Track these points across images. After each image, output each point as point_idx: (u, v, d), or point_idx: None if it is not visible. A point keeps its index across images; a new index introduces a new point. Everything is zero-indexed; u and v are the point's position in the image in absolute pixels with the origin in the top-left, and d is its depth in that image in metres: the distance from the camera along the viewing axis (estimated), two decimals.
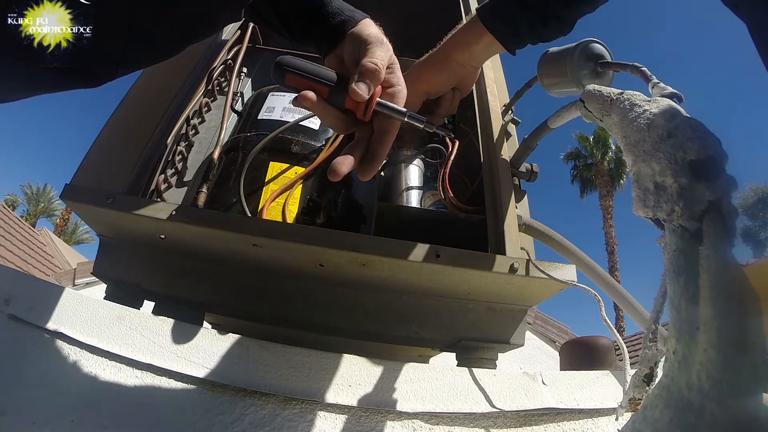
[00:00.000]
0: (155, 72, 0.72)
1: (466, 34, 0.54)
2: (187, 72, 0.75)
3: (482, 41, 0.52)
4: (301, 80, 0.39)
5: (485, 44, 0.53)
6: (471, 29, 0.53)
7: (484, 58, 0.55)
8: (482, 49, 0.53)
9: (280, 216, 0.63)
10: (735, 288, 0.21)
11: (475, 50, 0.53)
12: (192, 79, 0.76)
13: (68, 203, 0.56)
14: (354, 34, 0.44)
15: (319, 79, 0.40)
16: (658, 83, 0.39)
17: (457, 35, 0.54)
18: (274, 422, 0.44)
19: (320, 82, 0.40)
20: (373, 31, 0.44)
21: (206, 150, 0.82)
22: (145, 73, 0.72)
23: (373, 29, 0.44)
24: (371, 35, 0.43)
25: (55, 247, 5.82)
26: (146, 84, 0.70)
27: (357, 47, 0.43)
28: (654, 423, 0.22)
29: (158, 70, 0.72)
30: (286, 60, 0.39)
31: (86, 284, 3.97)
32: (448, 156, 0.71)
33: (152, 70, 0.72)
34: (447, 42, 0.55)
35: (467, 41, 0.53)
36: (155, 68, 0.72)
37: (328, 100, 0.40)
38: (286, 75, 0.39)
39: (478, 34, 0.52)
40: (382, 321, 0.60)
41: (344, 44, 0.45)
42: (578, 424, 0.49)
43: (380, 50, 0.42)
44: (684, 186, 0.24)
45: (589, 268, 0.62)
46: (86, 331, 0.48)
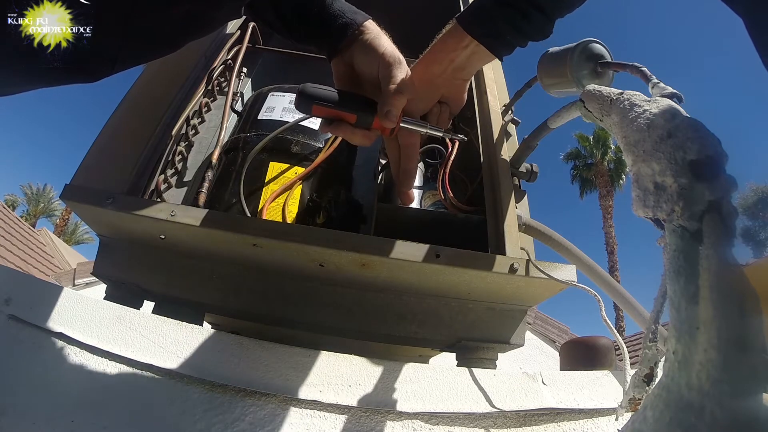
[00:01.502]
0: (155, 72, 0.72)
1: (445, 42, 0.49)
2: (187, 72, 0.75)
3: (464, 48, 0.47)
4: (328, 110, 0.41)
5: (468, 52, 0.47)
6: (450, 36, 0.48)
7: (469, 67, 0.49)
8: (465, 57, 0.48)
9: (280, 216, 0.63)
10: (735, 288, 0.21)
11: (457, 59, 0.48)
12: (192, 79, 0.76)
13: (68, 203, 0.56)
14: (366, 43, 0.44)
15: (346, 109, 0.41)
16: (658, 83, 0.39)
17: (436, 45, 0.50)
18: (274, 422, 0.44)
19: (347, 110, 0.41)
20: (387, 46, 0.44)
21: (206, 150, 0.82)
22: (145, 73, 0.72)
23: (384, 40, 0.45)
24: (387, 52, 0.44)
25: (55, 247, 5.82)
26: (146, 84, 0.70)
27: (373, 61, 0.44)
28: (654, 423, 0.22)
29: (158, 70, 0.72)
30: (311, 91, 0.40)
31: (86, 284, 3.97)
32: (448, 156, 0.71)
33: (152, 70, 0.72)
34: (426, 54, 0.50)
35: (447, 49, 0.48)
36: (155, 68, 0.72)
37: (355, 125, 0.42)
38: (312, 106, 0.40)
39: (458, 39, 0.47)
40: (382, 321, 0.60)
41: (354, 51, 0.45)
42: (578, 424, 0.49)
43: (400, 71, 0.43)
44: (684, 186, 0.24)
45: (589, 268, 0.62)
46: (86, 331, 0.48)
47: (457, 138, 0.48)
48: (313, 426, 0.44)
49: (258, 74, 1.06)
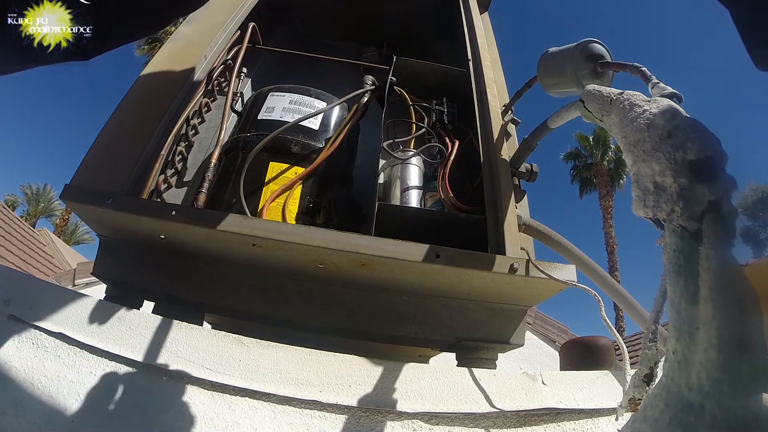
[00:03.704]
0: (155, 72, 0.72)
1: None
2: (187, 72, 0.75)
3: None
4: None
5: None
6: None
7: None
8: None
9: (280, 216, 0.63)
10: (735, 288, 0.21)
11: None
12: (192, 79, 0.76)
13: (68, 203, 0.56)
14: None
15: None
16: (657, 83, 0.39)
17: None
18: (273, 422, 0.44)
19: None
20: None
21: (206, 150, 0.82)
22: (145, 73, 0.72)
23: None
24: None
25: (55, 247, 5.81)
26: (146, 84, 0.70)
27: None
28: (654, 423, 0.22)
29: (158, 70, 0.72)
30: None
31: (86, 284, 3.97)
32: (448, 156, 0.71)
33: (152, 70, 0.72)
34: None
35: None
36: (155, 68, 0.72)
37: None
38: None
39: None
40: (382, 321, 0.60)
41: None
42: (578, 424, 0.49)
43: None
44: (684, 186, 0.24)
45: (589, 268, 0.62)
46: (86, 331, 0.48)
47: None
48: (313, 426, 0.44)
49: (258, 74, 1.06)
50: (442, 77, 0.88)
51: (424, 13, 1.15)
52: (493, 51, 0.91)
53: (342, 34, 1.25)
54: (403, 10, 1.12)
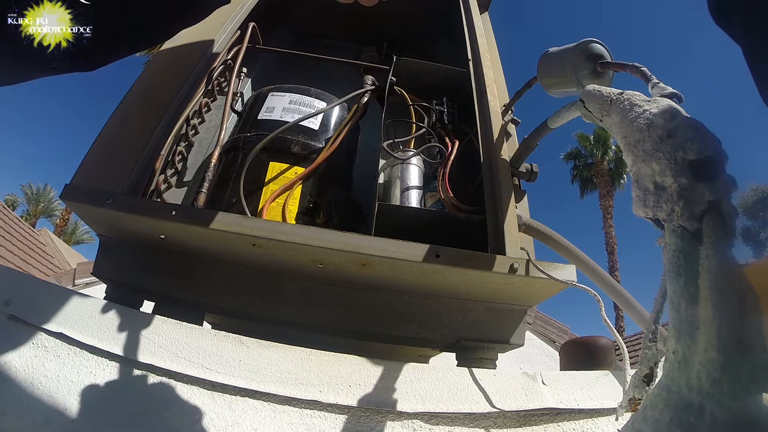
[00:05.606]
0: (155, 72, 0.72)
1: None
2: (187, 72, 0.75)
3: None
4: None
5: None
6: None
7: None
8: None
9: (280, 216, 0.63)
10: (735, 288, 0.21)
11: None
12: (192, 79, 0.76)
13: (68, 203, 0.56)
14: None
15: None
16: (657, 83, 0.39)
17: None
18: (273, 422, 0.44)
19: None
20: None
21: (206, 150, 0.82)
22: (145, 73, 0.72)
23: None
24: None
25: (55, 247, 5.81)
26: (146, 84, 0.70)
27: None
28: (654, 423, 0.22)
29: (158, 70, 0.72)
30: None
31: (86, 284, 3.97)
32: (448, 156, 0.72)
33: (152, 70, 0.72)
34: None
35: None
36: (155, 68, 0.72)
37: None
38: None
39: None
40: (382, 321, 0.60)
41: None
42: (578, 424, 0.49)
43: None
44: (684, 186, 0.24)
45: (589, 268, 0.62)
46: (86, 331, 0.48)
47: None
48: (313, 426, 0.44)
49: (258, 74, 1.06)
50: (442, 77, 0.88)
51: (424, 13, 1.15)
52: (493, 51, 0.91)
53: (342, 34, 1.25)
54: (403, 10, 1.12)
